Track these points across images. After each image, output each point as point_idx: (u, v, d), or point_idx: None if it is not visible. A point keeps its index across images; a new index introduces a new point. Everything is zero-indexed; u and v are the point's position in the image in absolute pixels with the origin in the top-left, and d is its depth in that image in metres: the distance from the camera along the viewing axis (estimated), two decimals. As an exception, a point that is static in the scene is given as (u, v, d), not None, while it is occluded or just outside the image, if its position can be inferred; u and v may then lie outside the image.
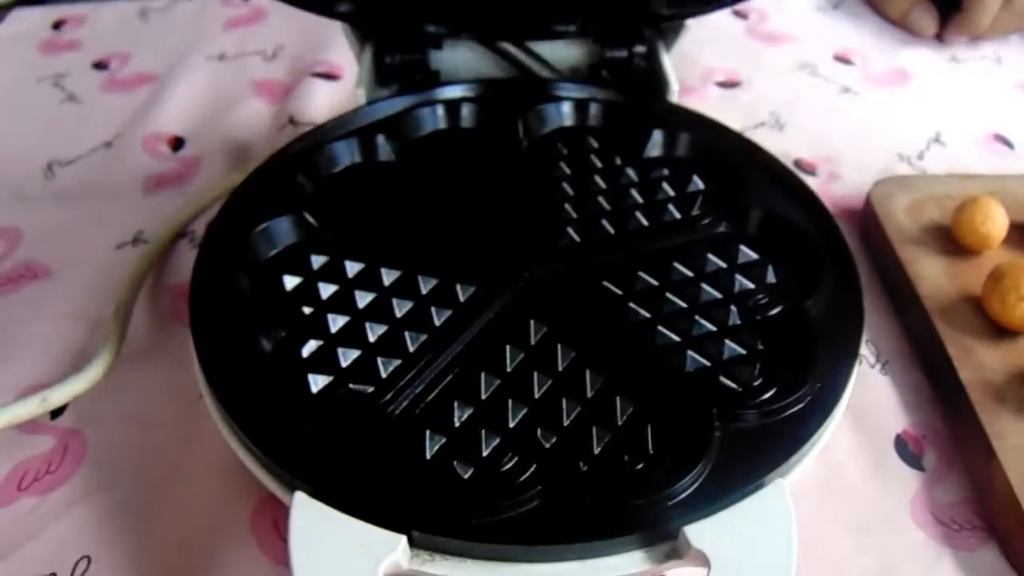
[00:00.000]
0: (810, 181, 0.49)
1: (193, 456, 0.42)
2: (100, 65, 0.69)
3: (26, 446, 0.43)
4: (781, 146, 0.61)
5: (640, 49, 0.55)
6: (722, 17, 0.77)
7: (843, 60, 0.73)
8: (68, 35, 0.72)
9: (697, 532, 0.31)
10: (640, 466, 0.34)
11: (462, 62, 0.57)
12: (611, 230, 0.44)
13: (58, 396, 0.43)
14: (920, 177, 0.59)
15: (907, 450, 0.45)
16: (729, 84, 0.70)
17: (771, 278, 0.42)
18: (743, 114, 0.66)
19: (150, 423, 0.44)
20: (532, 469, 0.33)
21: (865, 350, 0.49)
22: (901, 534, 0.41)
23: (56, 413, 0.44)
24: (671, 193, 0.46)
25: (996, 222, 0.51)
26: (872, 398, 0.47)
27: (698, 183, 0.47)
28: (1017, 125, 0.67)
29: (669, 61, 0.55)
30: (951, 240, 0.52)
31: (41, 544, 0.39)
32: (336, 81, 0.68)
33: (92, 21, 0.73)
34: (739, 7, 0.78)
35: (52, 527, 0.40)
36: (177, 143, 0.61)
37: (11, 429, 0.43)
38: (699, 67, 0.70)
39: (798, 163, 0.62)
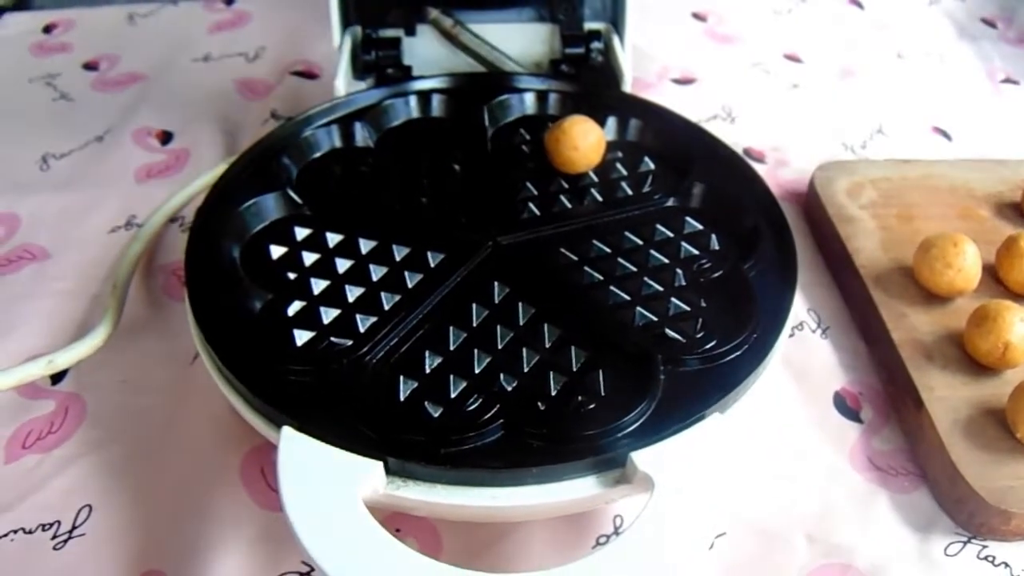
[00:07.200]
0: (759, 167, 0.52)
1: (185, 416, 0.45)
2: (90, 66, 0.71)
3: (29, 409, 0.46)
4: (732, 136, 0.64)
5: (597, 45, 0.59)
6: (682, 19, 0.81)
7: (793, 59, 0.77)
8: (58, 38, 0.74)
9: (643, 458, 0.35)
10: (592, 405, 0.37)
11: (433, 59, 0.61)
12: (568, 205, 0.48)
13: (63, 359, 0.46)
14: (859, 162, 0.63)
15: (845, 405, 0.49)
16: (684, 81, 0.73)
17: (714, 245, 0.45)
18: (696, 108, 0.69)
19: (145, 388, 0.47)
20: (495, 408, 0.37)
21: (807, 317, 0.53)
22: (841, 477, 0.45)
23: (56, 380, 0.47)
24: (624, 172, 0.50)
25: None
26: (813, 360, 0.51)
27: (649, 164, 0.50)
28: (956, 119, 0.71)
29: (624, 56, 0.59)
30: (887, 218, 0.56)
31: (45, 496, 0.42)
32: (315, 79, 0.71)
33: (81, 25, 0.76)
34: (699, 9, 0.82)
35: (55, 480, 0.43)
36: (166, 137, 0.64)
37: (15, 395, 0.46)
38: (657, 66, 0.73)
39: (747, 151, 0.65)
